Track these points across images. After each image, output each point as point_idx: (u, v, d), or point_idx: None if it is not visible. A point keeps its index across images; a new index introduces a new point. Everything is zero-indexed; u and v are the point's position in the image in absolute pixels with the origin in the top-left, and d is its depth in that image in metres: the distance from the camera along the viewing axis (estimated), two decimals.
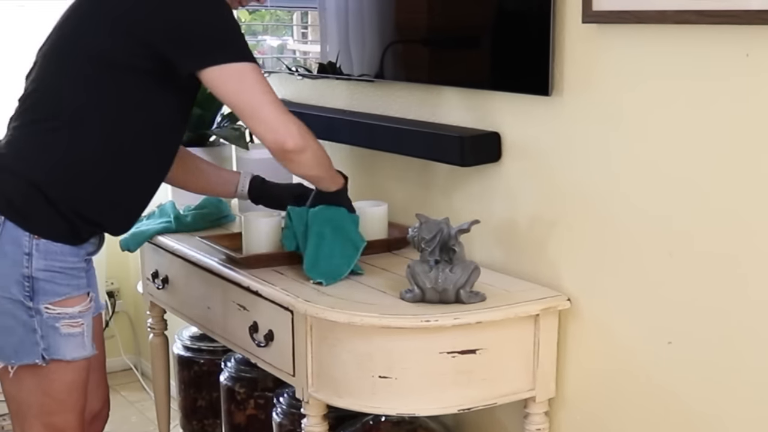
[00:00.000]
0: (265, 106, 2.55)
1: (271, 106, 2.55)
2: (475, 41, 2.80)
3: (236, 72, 2.53)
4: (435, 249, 2.51)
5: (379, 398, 2.52)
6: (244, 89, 2.54)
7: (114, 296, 5.38)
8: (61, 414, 2.73)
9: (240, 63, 2.53)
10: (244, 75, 2.53)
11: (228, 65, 2.52)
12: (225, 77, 2.53)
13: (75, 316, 2.66)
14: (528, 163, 2.68)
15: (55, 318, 2.63)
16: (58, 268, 2.62)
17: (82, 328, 2.68)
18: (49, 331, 2.63)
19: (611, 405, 2.55)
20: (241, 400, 3.49)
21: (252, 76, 2.54)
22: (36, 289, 2.60)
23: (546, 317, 2.58)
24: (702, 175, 2.23)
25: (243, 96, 2.55)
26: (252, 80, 2.54)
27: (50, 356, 2.65)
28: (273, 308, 2.70)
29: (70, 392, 2.73)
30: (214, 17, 2.54)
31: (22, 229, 2.58)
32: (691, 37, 2.21)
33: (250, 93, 2.54)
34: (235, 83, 2.54)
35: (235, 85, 2.54)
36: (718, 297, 2.24)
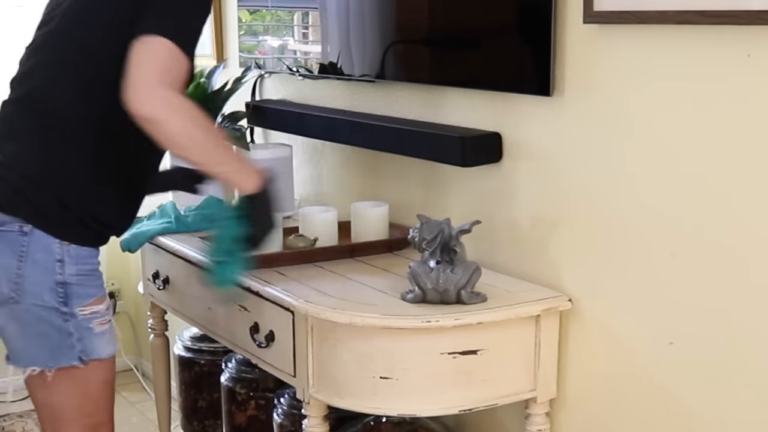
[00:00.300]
0: (153, 73, 2.41)
1: (156, 75, 2.41)
2: (476, 41, 2.80)
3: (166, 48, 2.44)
4: (436, 249, 2.51)
5: (380, 399, 2.52)
6: (151, 54, 2.43)
7: (114, 297, 5.37)
8: (97, 414, 2.77)
9: (177, 48, 2.45)
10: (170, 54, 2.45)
11: (166, 42, 2.44)
12: (156, 47, 2.44)
13: (104, 314, 2.70)
14: (529, 163, 2.68)
15: (88, 319, 2.66)
16: (87, 271, 2.66)
17: (110, 324, 2.74)
18: (84, 332, 2.66)
19: (612, 406, 2.55)
20: (242, 401, 3.49)
21: (177, 60, 2.46)
22: (69, 294, 2.62)
23: (547, 318, 2.58)
24: (704, 175, 2.23)
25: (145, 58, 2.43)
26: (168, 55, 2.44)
27: (88, 357, 2.68)
28: (274, 309, 2.70)
29: (104, 391, 2.77)
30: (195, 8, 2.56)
31: (52, 236, 2.59)
32: (693, 38, 2.21)
33: (153, 58, 2.43)
34: (146, 49, 2.43)
35: (149, 49, 2.43)
36: (720, 298, 2.24)
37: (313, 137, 3.50)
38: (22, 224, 2.57)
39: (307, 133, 3.48)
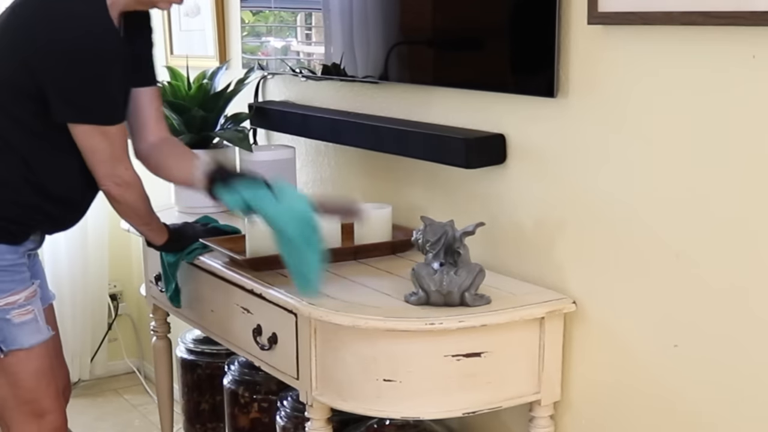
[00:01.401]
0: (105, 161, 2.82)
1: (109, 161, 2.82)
2: (480, 43, 2.79)
3: (99, 131, 2.77)
4: (440, 251, 2.50)
5: (384, 401, 2.52)
6: (95, 145, 2.78)
7: (117, 299, 5.37)
8: (38, 402, 2.89)
9: (102, 126, 2.77)
10: (104, 134, 2.78)
11: (94, 126, 2.77)
12: (87, 134, 2.77)
13: (23, 305, 2.82)
14: (533, 165, 2.67)
15: (5, 310, 2.79)
16: (2, 266, 2.79)
17: (34, 314, 2.85)
18: (2, 324, 2.80)
19: (617, 408, 2.54)
20: (245, 404, 3.48)
21: (109, 136, 2.79)
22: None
23: (551, 320, 2.57)
24: (708, 177, 2.22)
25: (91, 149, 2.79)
26: (107, 139, 2.79)
27: (8, 347, 2.82)
28: (277, 311, 2.70)
29: (39, 379, 2.88)
30: (99, 76, 2.74)
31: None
32: (697, 39, 2.20)
33: (99, 148, 2.79)
34: (91, 139, 2.78)
35: (91, 141, 2.78)
36: (724, 300, 2.23)
37: (316, 139, 3.49)
38: None
39: (310, 135, 3.47)
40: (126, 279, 5.36)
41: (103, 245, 5.14)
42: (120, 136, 2.83)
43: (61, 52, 2.70)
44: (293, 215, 2.62)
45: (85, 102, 2.76)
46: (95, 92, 2.76)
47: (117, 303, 5.37)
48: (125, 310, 5.42)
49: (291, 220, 2.62)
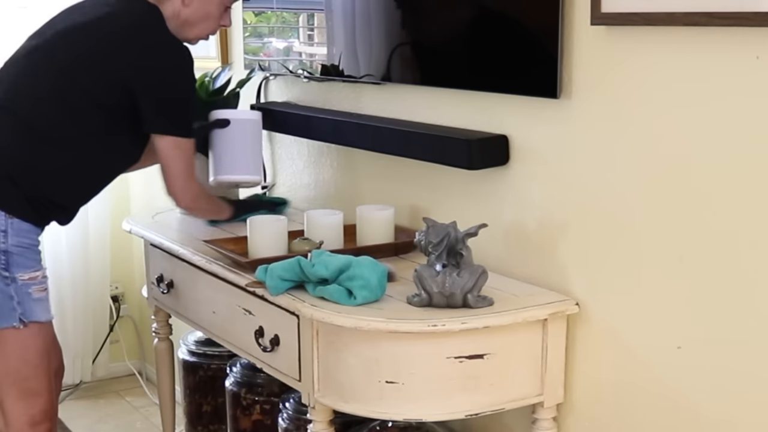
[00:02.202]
0: (181, 174, 3.07)
1: (184, 175, 3.07)
2: (482, 43, 2.79)
3: (181, 146, 3.03)
4: (442, 253, 2.49)
5: (386, 403, 2.51)
6: (178, 158, 3.04)
7: (118, 300, 5.36)
8: (35, 378, 3.04)
9: (186, 139, 3.04)
10: (186, 149, 3.05)
11: (178, 139, 3.02)
12: (172, 147, 3.02)
13: (41, 281, 3.02)
14: (536, 166, 2.67)
15: (27, 284, 2.98)
16: (27, 244, 2.99)
17: (47, 292, 3.05)
18: (23, 297, 2.97)
19: (620, 410, 2.53)
20: (247, 406, 3.48)
21: (189, 151, 3.06)
22: (10, 262, 2.95)
23: (554, 322, 2.56)
24: (712, 178, 2.21)
25: (174, 162, 3.05)
26: (187, 155, 3.06)
27: (28, 319, 2.98)
28: (279, 313, 2.69)
29: (42, 356, 3.05)
30: (188, 94, 3.09)
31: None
32: (701, 40, 2.20)
33: (179, 161, 3.05)
34: (175, 153, 3.03)
35: (175, 153, 3.03)
36: (728, 302, 2.22)
37: (318, 140, 3.49)
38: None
39: (312, 136, 3.47)
40: (128, 280, 5.35)
41: (105, 246, 5.13)
42: (193, 153, 3.10)
43: (160, 70, 2.99)
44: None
45: (176, 116, 3.04)
46: (185, 108, 3.07)
47: (118, 305, 5.36)
48: (127, 312, 5.41)
49: None
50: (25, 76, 3.05)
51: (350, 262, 2.55)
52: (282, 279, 2.63)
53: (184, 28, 3.10)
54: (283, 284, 2.64)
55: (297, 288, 2.64)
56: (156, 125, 3.01)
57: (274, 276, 2.64)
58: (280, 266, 2.64)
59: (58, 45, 3.04)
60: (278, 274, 2.63)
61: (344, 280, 2.53)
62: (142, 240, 3.63)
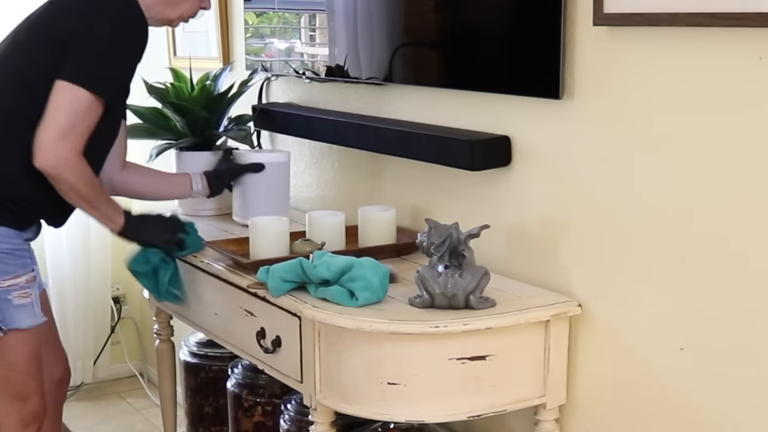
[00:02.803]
0: (58, 127, 2.79)
1: (60, 129, 2.79)
2: (485, 44, 2.78)
3: (76, 94, 2.80)
4: (444, 254, 2.49)
5: (388, 405, 2.51)
6: (65, 106, 2.80)
7: (120, 302, 5.36)
8: (24, 383, 3.01)
9: (86, 91, 2.80)
10: (78, 100, 2.80)
11: (77, 87, 2.79)
12: (65, 91, 2.80)
13: (24, 287, 2.93)
14: (538, 167, 2.66)
15: (6, 291, 2.90)
16: (5, 249, 2.90)
17: (31, 298, 2.96)
18: (3, 304, 2.90)
19: (622, 412, 2.53)
20: (249, 407, 3.47)
21: (82, 106, 2.81)
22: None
23: (557, 323, 2.56)
24: (714, 179, 2.21)
25: (59, 109, 2.80)
26: (78, 108, 2.80)
27: (8, 326, 2.92)
28: (280, 314, 2.69)
29: (30, 362, 3.00)
30: (114, 48, 2.86)
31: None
32: (704, 40, 2.19)
33: (63, 112, 2.80)
34: (65, 100, 2.80)
35: (64, 99, 2.80)
36: (730, 303, 2.22)
37: (320, 140, 3.49)
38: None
39: (314, 137, 3.47)
40: (129, 282, 5.31)
41: (106, 248, 5.12)
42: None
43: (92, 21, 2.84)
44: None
45: (88, 67, 2.83)
46: (104, 63, 2.85)
47: (120, 306, 5.36)
48: (128, 313, 5.41)
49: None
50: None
51: (352, 263, 2.54)
52: (283, 280, 2.63)
53: (167, 8, 3.01)
54: (284, 285, 2.63)
55: (299, 289, 2.64)
56: (64, 72, 2.80)
57: (275, 277, 2.63)
58: (282, 267, 2.64)
59: (19, 30, 2.98)
60: (280, 275, 2.63)
61: (346, 281, 2.53)
62: None
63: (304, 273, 2.60)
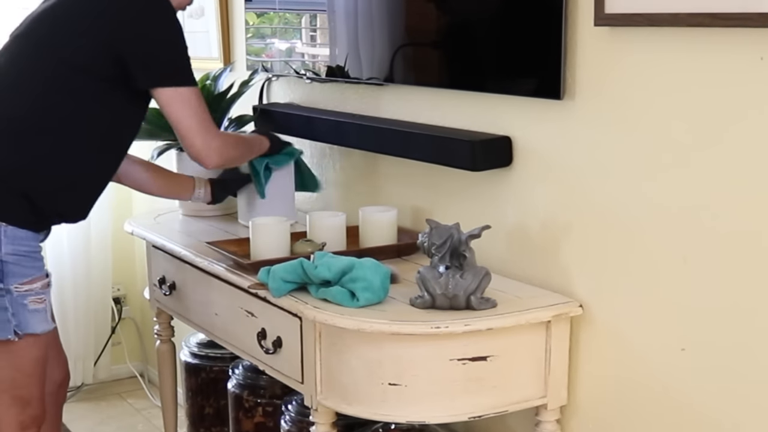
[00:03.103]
0: (195, 129, 2.90)
1: (199, 128, 2.91)
2: (485, 44, 2.78)
3: (183, 95, 2.88)
4: (445, 255, 2.48)
5: (389, 406, 2.50)
6: (184, 110, 2.89)
7: (120, 302, 5.35)
8: (28, 387, 2.99)
9: (187, 87, 2.89)
10: (189, 99, 2.89)
11: (178, 89, 2.87)
12: (173, 98, 2.88)
13: (39, 293, 2.93)
14: (540, 167, 2.66)
15: (23, 296, 2.89)
16: (24, 252, 2.88)
17: (45, 303, 2.96)
18: (19, 308, 2.89)
19: (624, 413, 2.52)
20: (249, 408, 3.47)
21: (194, 100, 2.90)
22: (5, 272, 2.85)
23: (558, 324, 2.55)
24: (716, 179, 2.21)
25: (181, 115, 2.89)
26: (194, 104, 2.90)
27: (23, 331, 2.90)
28: (281, 315, 2.68)
29: (37, 366, 3.00)
30: (175, 40, 2.90)
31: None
32: (705, 41, 2.19)
33: (189, 114, 2.90)
34: (180, 105, 2.88)
35: (179, 105, 2.88)
36: (732, 303, 2.21)
37: (320, 141, 3.48)
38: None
39: (314, 137, 3.46)
40: (129, 282, 5.34)
41: (107, 248, 5.12)
42: (201, 101, 2.95)
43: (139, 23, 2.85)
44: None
45: (168, 65, 2.90)
46: (175, 54, 2.91)
47: (120, 306, 5.35)
48: (129, 314, 5.41)
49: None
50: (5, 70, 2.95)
51: (353, 264, 2.54)
52: (284, 281, 2.63)
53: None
54: (285, 286, 2.63)
55: (299, 290, 2.64)
56: (148, 79, 2.87)
57: (276, 278, 2.63)
58: (283, 268, 2.63)
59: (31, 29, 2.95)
60: (280, 276, 2.63)
61: (347, 281, 2.52)
62: (144, 241, 3.62)
63: (305, 274, 2.60)
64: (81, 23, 2.87)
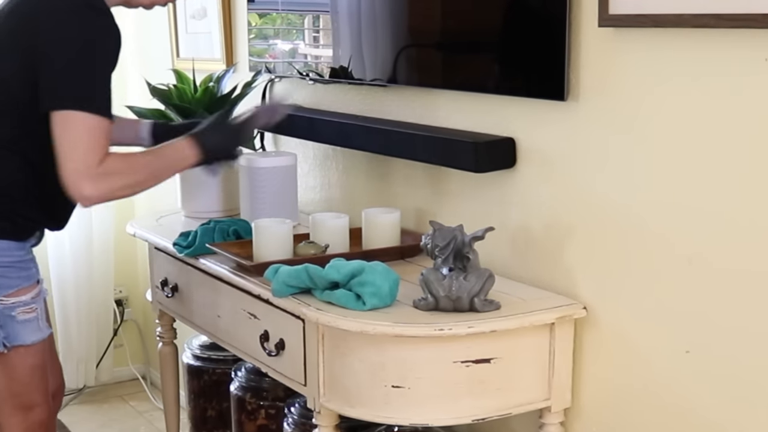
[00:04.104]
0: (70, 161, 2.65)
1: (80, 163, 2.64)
2: (489, 45, 2.78)
3: (68, 119, 2.64)
4: (449, 256, 2.48)
5: (392, 408, 2.50)
6: (65, 136, 2.65)
7: (122, 304, 5.35)
8: (28, 394, 2.98)
9: (76, 112, 2.64)
10: (72, 125, 2.64)
11: (65, 112, 2.64)
12: (59, 121, 2.65)
13: (28, 303, 2.89)
14: (543, 169, 2.65)
15: (10, 308, 2.86)
16: (7, 263, 2.85)
17: (36, 312, 2.92)
18: (6, 320, 2.86)
19: (628, 415, 2.52)
20: (252, 410, 3.46)
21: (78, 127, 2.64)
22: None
23: (561, 326, 2.55)
24: (721, 181, 2.20)
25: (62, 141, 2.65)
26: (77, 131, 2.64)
27: (11, 343, 2.88)
28: (284, 317, 2.68)
29: (33, 374, 2.97)
30: (81, 63, 2.66)
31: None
32: (709, 41, 2.19)
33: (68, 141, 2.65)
34: (61, 129, 2.65)
35: (60, 130, 2.65)
36: (737, 306, 2.21)
37: (323, 142, 3.48)
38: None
39: (317, 139, 3.46)
40: (132, 284, 5.34)
41: (109, 250, 5.13)
42: (107, 131, 2.70)
43: (62, 39, 2.67)
44: None
45: (83, 87, 2.68)
46: (94, 80, 2.69)
47: (122, 308, 5.36)
48: (131, 316, 5.41)
49: None
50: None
51: (363, 267, 2.53)
52: (287, 285, 2.62)
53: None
54: (287, 289, 2.62)
55: (303, 292, 2.63)
56: (46, 101, 2.67)
57: (279, 280, 2.62)
58: (287, 272, 2.62)
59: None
60: (284, 280, 2.62)
61: (355, 285, 2.51)
62: (147, 243, 3.62)
63: (310, 279, 2.59)
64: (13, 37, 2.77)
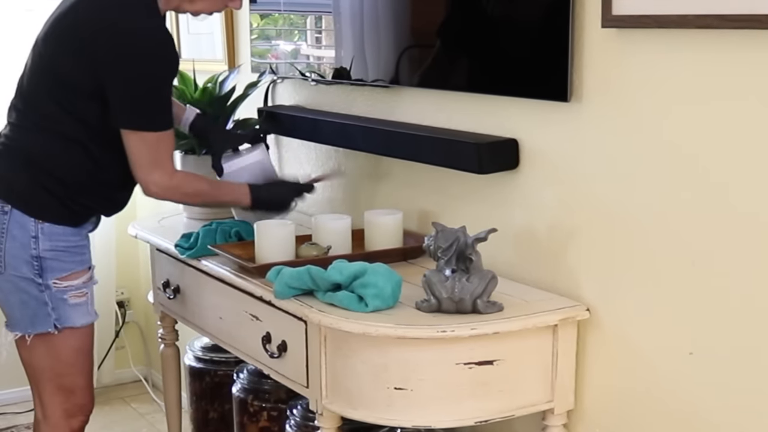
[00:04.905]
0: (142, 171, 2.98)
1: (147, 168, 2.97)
2: (492, 46, 2.77)
3: (143, 138, 2.93)
4: (451, 258, 2.47)
5: (395, 410, 2.49)
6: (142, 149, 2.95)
7: (124, 306, 5.35)
8: (70, 376, 3.14)
9: (149, 133, 2.93)
10: (148, 141, 2.93)
11: (141, 133, 2.92)
12: (135, 139, 2.93)
13: (80, 287, 3.08)
14: (546, 170, 2.65)
15: (62, 291, 3.03)
16: (62, 247, 3.02)
17: (87, 297, 3.11)
18: (58, 303, 3.03)
19: (630, 417, 2.51)
20: (254, 412, 3.46)
21: (155, 143, 2.94)
22: (44, 267, 2.99)
23: (565, 327, 2.54)
24: (725, 183, 2.19)
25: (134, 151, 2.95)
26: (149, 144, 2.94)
27: (62, 325, 3.04)
28: (286, 318, 2.67)
29: (78, 356, 3.15)
30: (155, 86, 2.92)
31: (27, 215, 2.96)
32: (713, 42, 2.18)
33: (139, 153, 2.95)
34: (133, 144, 2.93)
35: (132, 146, 2.94)
36: (740, 307, 2.20)
37: (326, 143, 3.47)
38: (3, 204, 2.97)
39: (320, 140, 3.45)
40: (133, 286, 5.34)
41: (110, 252, 5.12)
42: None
43: (127, 59, 2.87)
44: None
45: (150, 110, 2.93)
46: (160, 102, 2.95)
47: (124, 310, 5.35)
48: (133, 318, 5.41)
49: None
50: (28, 80, 3.03)
51: (365, 269, 2.52)
52: (289, 286, 2.61)
53: (183, 1, 3.05)
54: (289, 291, 2.62)
55: (305, 294, 2.62)
56: (120, 120, 2.92)
57: (281, 282, 2.62)
58: (290, 274, 2.62)
59: (43, 43, 2.99)
60: (286, 282, 2.61)
61: (358, 286, 2.51)
62: (148, 245, 3.61)
63: (312, 281, 2.58)
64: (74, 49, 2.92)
